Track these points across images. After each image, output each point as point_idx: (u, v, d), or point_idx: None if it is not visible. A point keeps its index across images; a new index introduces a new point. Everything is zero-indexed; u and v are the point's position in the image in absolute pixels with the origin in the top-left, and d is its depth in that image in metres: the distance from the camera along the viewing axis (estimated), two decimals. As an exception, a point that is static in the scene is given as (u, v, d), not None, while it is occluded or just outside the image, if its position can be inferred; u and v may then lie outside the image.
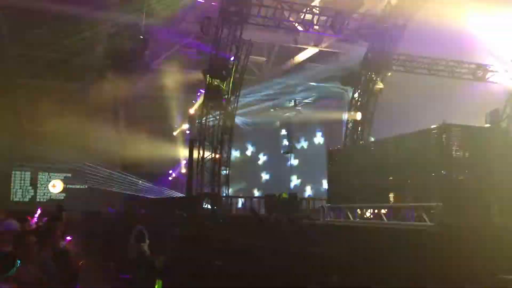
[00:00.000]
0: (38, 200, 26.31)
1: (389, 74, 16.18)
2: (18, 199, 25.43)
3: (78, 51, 20.23)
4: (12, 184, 25.71)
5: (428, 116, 10.20)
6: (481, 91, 16.10)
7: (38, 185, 27.25)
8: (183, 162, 24.98)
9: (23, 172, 26.48)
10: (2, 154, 23.74)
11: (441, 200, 8.27)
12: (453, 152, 8.64)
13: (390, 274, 7.74)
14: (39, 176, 27.26)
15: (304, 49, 19.82)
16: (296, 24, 15.47)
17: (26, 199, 25.77)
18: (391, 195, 9.61)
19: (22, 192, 26.43)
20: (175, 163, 27.21)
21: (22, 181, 26.78)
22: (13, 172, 25.66)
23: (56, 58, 20.74)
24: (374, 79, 16.07)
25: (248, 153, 29.99)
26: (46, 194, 27.38)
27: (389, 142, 10.17)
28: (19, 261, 4.31)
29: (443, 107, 12.89)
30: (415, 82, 16.30)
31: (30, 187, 27.09)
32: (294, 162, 25.79)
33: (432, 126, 9.71)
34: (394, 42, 15.46)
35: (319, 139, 25.06)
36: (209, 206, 15.71)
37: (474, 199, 8.45)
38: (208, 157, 16.17)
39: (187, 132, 24.50)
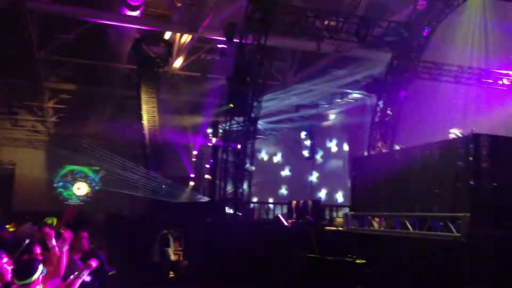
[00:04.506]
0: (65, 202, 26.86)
1: (414, 81, 16.05)
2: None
3: (104, 56, 20.57)
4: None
5: (455, 126, 10.08)
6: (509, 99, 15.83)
7: (64, 187, 27.76)
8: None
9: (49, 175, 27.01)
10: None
11: (469, 210, 8.17)
12: (481, 162, 8.54)
13: (415, 284, 7.67)
14: (65, 178, 27.78)
15: (328, 55, 19.78)
16: (321, 31, 15.44)
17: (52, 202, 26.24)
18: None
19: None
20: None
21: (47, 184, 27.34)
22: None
23: (84, 63, 21.10)
24: (399, 86, 15.95)
25: (270, 158, 30.07)
26: (70, 196, 27.90)
27: (416, 150, 10.07)
28: (42, 269, 4.25)
29: (470, 117, 12.73)
30: (442, 90, 16.11)
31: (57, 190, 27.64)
32: (317, 166, 25.74)
33: (460, 136, 9.62)
34: (420, 49, 15.31)
35: (342, 145, 24.94)
36: (232, 211, 15.80)
37: (502, 210, 8.33)
38: (231, 162, 16.26)
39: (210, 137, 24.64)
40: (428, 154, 9.55)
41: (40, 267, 4.11)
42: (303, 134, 26.00)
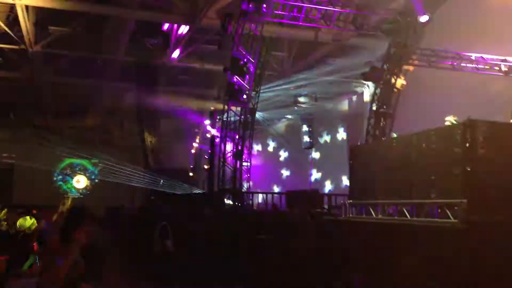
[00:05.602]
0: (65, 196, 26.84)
1: (412, 69, 16.00)
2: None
3: (101, 49, 20.49)
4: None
5: (452, 112, 10.06)
6: (507, 85, 15.78)
7: (63, 180, 27.80)
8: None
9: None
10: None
11: (466, 197, 8.17)
12: (478, 148, 8.52)
13: (413, 271, 7.70)
14: (64, 172, 27.82)
15: (325, 44, 19.71)
16: (318, 20, 15.38)
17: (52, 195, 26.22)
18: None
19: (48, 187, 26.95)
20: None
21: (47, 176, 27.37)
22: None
23: (80, 56, 21.03)
24: (396, 74, 15.91)
25: (270, 148, 30.08)
26: (70, 189, 27.96)
27: (412, 138, 10.06)
28: (35, 260, 4.23)
29: (467, 103, 12.71)
30: (439, 77, 16.08)
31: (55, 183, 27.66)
32: (316, 155, 25.77)
33: (455, 123, 9.61)
34: (417, 36, 15.26)
35: (340, 134, 24.94)
36: (231, 202, 15.81)
37: (499, 196, 8.34)
38: (230, 153, 16.26)
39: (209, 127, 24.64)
40: (425, 141, 9.54)
41: (31, 258, 4.11)
42: (302, 125, 25.96)
